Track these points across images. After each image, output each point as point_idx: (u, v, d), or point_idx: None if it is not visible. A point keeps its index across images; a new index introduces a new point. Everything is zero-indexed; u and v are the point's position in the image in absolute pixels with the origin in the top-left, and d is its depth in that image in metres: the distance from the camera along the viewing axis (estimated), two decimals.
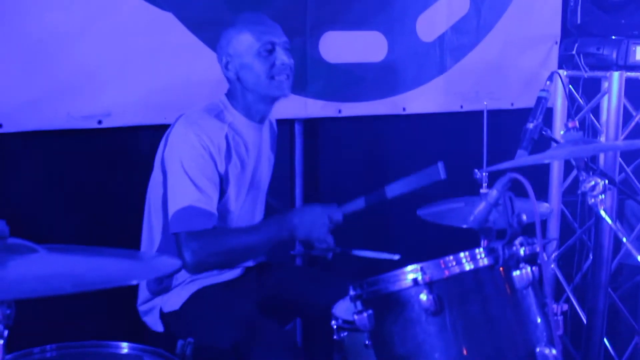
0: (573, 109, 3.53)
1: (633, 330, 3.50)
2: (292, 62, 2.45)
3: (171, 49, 2.90)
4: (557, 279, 3.62)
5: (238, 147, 2.45)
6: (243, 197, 2.50)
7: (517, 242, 1.77)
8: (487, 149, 2.74)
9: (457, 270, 1.75)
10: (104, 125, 2.78)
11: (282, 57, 2.41)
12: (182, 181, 2.30)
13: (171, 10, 2.89)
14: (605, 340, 3.39)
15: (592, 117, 3.53)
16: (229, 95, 2.51)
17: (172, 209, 2.31)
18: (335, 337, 2.17)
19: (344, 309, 2.21)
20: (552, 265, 3.58)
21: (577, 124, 2.19)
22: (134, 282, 1.34)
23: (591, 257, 3.43)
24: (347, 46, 3.38)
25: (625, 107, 3.38)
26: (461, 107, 3.73)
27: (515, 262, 1.76)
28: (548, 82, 2.74)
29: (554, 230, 3.61)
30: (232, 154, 2.42)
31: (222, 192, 2.39)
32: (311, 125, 3.40)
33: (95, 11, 2.71)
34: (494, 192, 1.79)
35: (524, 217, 1.78)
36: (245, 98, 2.47)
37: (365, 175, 3.60)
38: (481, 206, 1.81)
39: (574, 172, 3.46)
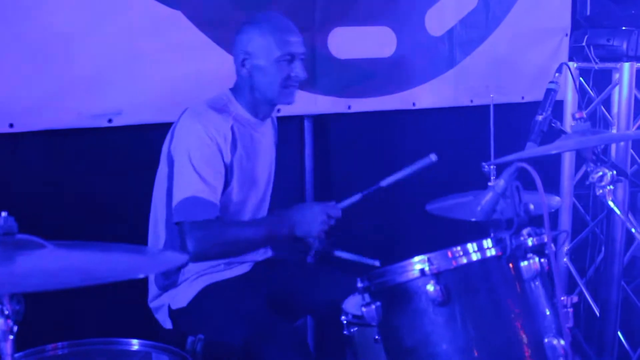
0: (584, 101, 3.51)
1: None
2: (305, 76, 2.48)
3: (180, 47, 2.91)
4: (570, 272, 3.61)
5: (243, 139, 2.47)
6: (246, 190, 2.51)
7: (524, 232, 1.77)
8: (494, 142, 2.74)
9: (464, 260, 1.75)
10: (115, 123, 2.80)
11: (298, 70, 2.45)
12: (187, 172, 2.33)
13: (180, 9, 2.90)
14: (619, 333, 3.37)
15: (604, 109, 3.51)
16: (235, 90, 2.53)
17: (176, 199, 2.34)
18: (345, 332, 2.17)
19: (353, 304, 2.21)
20: (565, 259, 3.56)
21: (584, 114, 2.18)
22: (141, 276, 1.34)
23: (604, 250, 3.41)
24: (356, 42, 3.37)
25: (636, 98, 3.36)
26: (471, 101, 3.72)
27: (523, 252, 1.76)
28: (557, 74, 2.73)
29: (565, 223, 3.60)
30: (237, 145, 2.45)
31: (227, 183, 2.41)
32: (321, 121, 3.40)
33: (105, 10, 2.73)
34: (501, 182, 1.79)
35: (532, 207, 1.77)
36: (252, 96, 2.50)
37: (376, 171, 3.59)
38: (488, 196, 1.81)
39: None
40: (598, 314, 3.39)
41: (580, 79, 3.55)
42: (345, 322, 2.16)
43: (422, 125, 3.65)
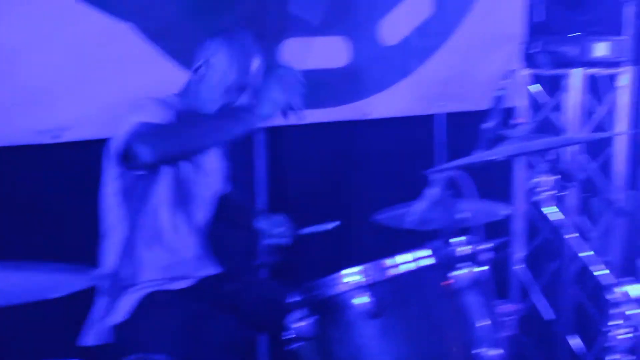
0: (537, 107, 3.52)
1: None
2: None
3: (132, 59, 2.87)
4: (525, 279, 3.61)
5: None
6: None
7: (458, 241, 1.76)
8: (450, 151, 2.75)
9: (397, 271, 1.74)
10: (61, 139, 2.76)
11: (242, 101, 2.41)
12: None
13: (132, 21, 2.87)
14: (571, 338, 3.37)
15: (557, 115, 3.52)
16: (182, 93, 2.49)
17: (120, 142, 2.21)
18: (289, 347, 2.13)
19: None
20: (520, 266, 3.56)
21: (524, 120, 2.19)
22: (52, 296, 1.31)
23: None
24: (310, 52, 3.35)
25: (586, 103, 3.38)
26: (426, 110, 3.71)
27: (458, 261, 1.75)
28: (505, 81, 2.74)
29: (519, 230, 3.60)
30: None
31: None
32: (274, 133, 3.37)
33: (52, 24, 2.68)
34: (433, 191, 1.78)
35: (465, 216, 1.77)
36: (196, 101, 2.45)
37: (332, 182, 3.58)
38: (422, 205, 1.80)
39: None
40: (552, 320, 3.39)
41: (537, 85, 3.56)
42: (288, 337, 2.13)
43: (377, 135, 3.64)
